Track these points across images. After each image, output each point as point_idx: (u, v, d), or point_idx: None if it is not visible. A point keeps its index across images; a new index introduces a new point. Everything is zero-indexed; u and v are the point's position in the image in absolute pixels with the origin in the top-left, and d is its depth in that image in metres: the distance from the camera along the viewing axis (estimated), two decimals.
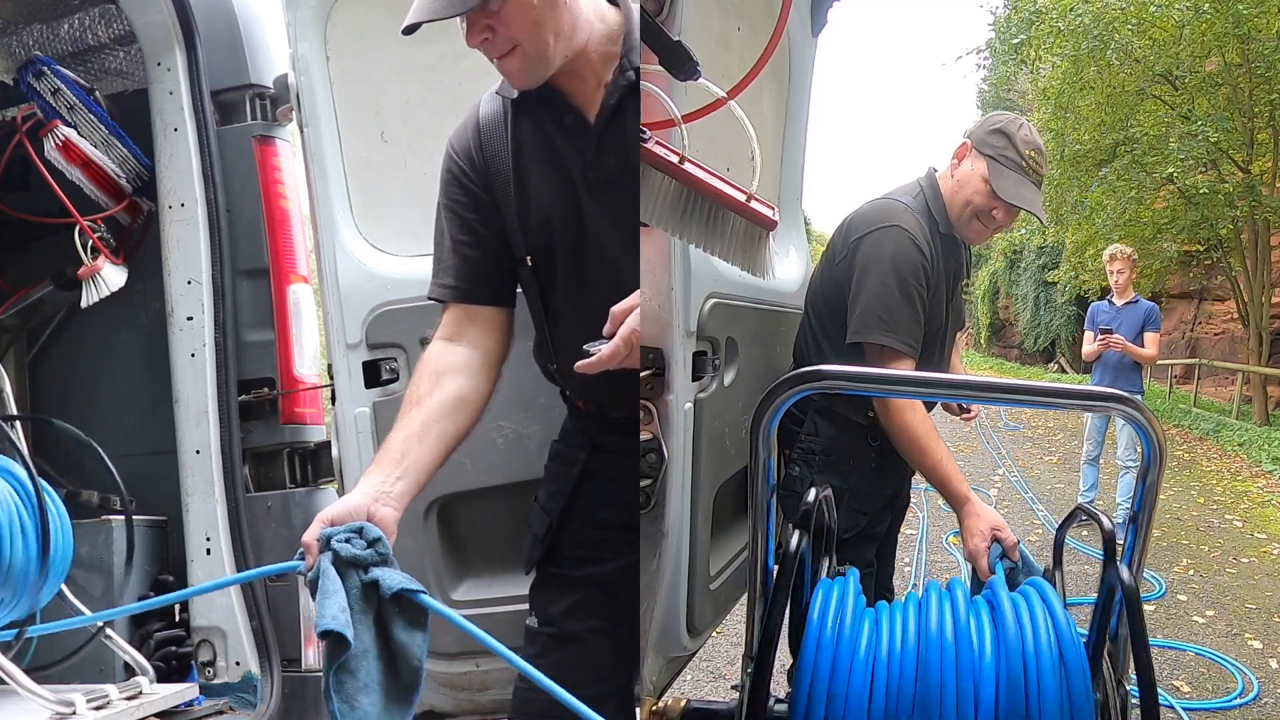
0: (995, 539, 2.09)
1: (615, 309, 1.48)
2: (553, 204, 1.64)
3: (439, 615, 1.41)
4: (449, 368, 1.64)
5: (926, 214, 2.28)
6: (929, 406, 2.48)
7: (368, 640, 1.34)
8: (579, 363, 1.48)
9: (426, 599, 1.39)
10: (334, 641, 1.30)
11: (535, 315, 1.74)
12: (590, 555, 1.76)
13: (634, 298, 1.49)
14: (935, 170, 2.38)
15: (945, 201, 2.30)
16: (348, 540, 1.38)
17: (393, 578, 1.37)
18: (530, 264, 1.68)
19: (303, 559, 1.40)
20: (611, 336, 1.47)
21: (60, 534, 1.80)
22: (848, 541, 2.20)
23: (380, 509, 1.46)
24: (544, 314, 1.72)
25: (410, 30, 1.48)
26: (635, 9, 1.58)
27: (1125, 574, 1.29)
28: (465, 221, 1.69)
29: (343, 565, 1.36)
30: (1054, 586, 1.50)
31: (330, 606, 1.30)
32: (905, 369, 2.14)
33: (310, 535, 1.40)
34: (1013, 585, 1.71)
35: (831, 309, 2.29)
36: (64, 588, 1.91)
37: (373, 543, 1.39)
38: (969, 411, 2.65)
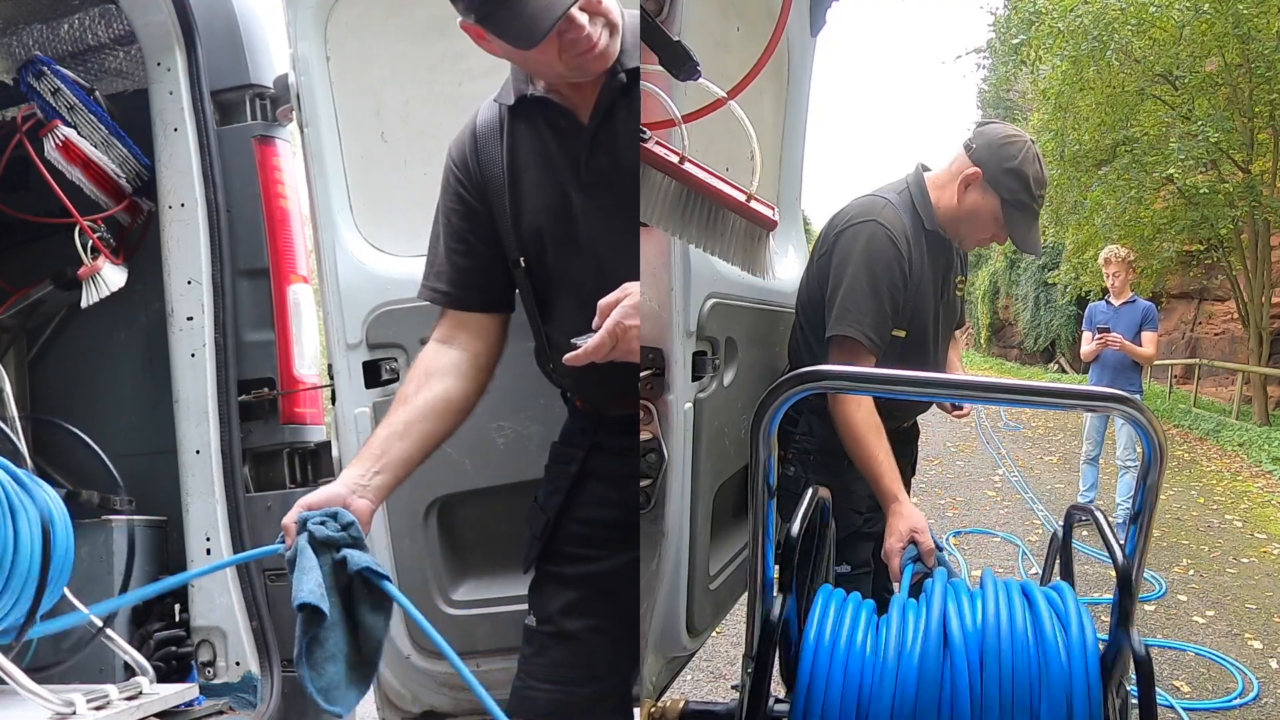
0: (913, 541, 2.05)
1: (602, 302, 1.48)
2: (545, 204, 1.65)
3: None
4: (438, 369, 1.68)
5: (911, 210, 2.27)
6: (926, 404, 2.49)
7: (335, 615, 1.46)
8: (566, 355, 1.49)
9: (388, 586, 1.50)
10: (309, 614, 1.42)
11: (531, 316, 1.75)
12: (588, 554, 1.76)
13: (622, 290, 1.49)
14: (925, 168, 2.37)
15: (934, 202, 2.29)
16: (323, 523, 1.49)
17: (360, 558, 1.49)
18: (524, 265, 1.69)
19: (283, 542, 1.51)
20: (599, 330, 1.47)
21: (61, 535, 1.80)
22: (844, 541, 2.20)
23: (356, 500, 1.55)
24: (539, 314, 1.73)
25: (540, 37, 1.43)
26: (631, 12, 1.58)
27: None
28: (458, 230, 1.72)
29: (318, 545, 1.47)
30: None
31: (307, 582, 1.42)
32: (866, 363, 2.13)
33: (289, 519, 1.51)
34: (920, 591, 1.63)
35: (814, 305, 2.29)
36: (65, 590, 1.90)
37: (346, 526, 1.50)
38: (961, 409, 2.65)
